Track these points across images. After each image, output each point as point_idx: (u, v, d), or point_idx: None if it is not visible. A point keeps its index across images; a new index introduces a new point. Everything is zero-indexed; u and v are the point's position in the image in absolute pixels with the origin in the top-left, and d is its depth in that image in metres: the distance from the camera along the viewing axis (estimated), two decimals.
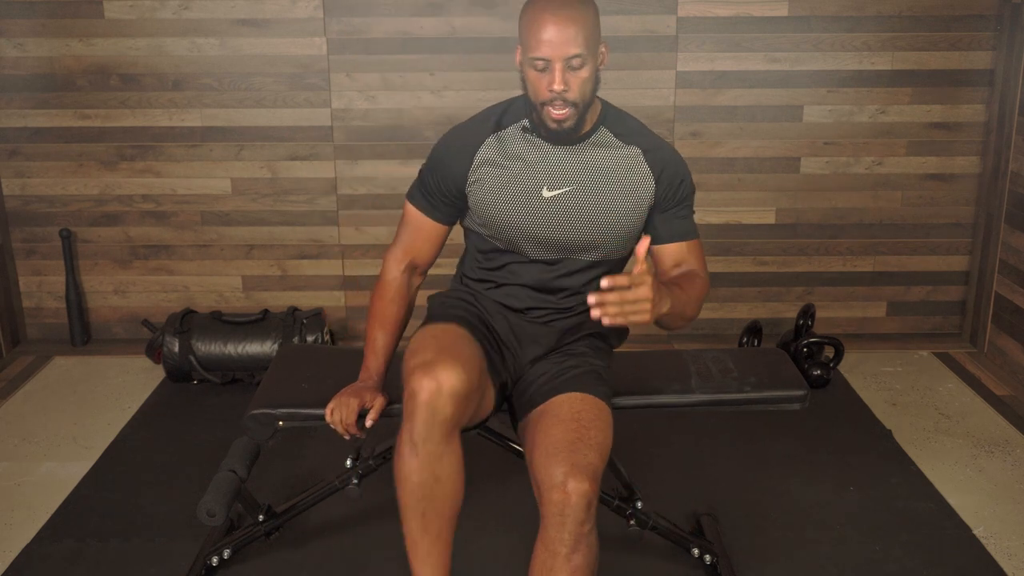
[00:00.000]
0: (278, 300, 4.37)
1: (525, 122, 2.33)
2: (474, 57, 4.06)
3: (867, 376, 4.04)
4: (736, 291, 4.38)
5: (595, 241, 2.37)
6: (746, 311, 4.39)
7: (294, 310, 4.08)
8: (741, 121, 4.18)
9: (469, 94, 4.08)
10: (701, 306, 2.30)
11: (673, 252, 2.37)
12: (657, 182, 2.34)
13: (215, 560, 2.70)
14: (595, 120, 2.33)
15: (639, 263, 1.95)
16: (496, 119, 2.36)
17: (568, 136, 2.27)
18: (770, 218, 4.29)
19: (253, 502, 2.72)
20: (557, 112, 2.20)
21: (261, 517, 2.74)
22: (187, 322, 3.97)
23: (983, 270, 4.25)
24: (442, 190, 2.38)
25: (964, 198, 4.28)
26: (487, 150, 2.33)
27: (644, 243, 1.98)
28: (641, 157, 2.34)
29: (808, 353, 3.94)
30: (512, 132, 2.34)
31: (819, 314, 4.33)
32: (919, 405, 3.79)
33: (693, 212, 2.42)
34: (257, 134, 4.17)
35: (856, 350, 4.22)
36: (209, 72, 4.10)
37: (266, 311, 4.05)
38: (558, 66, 2.14)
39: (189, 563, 2.72)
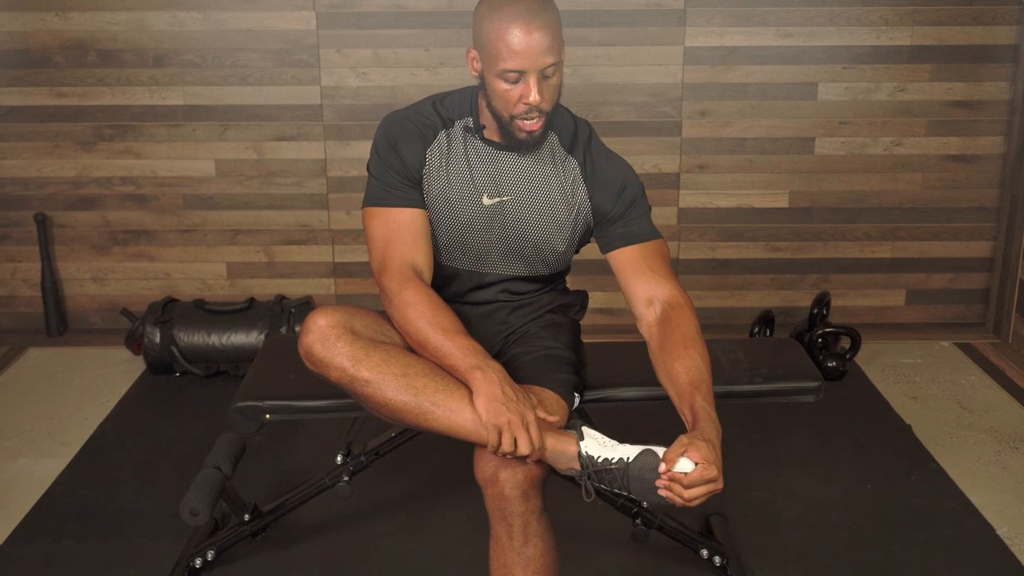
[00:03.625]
0: (265, 288, 4.36)
1: (468, 121, 2.32)
2: (471, 32, 4.03)
3: (885, 368, 4.03)
4: (747, 278, 4.37)
5: (526, 254, 2.36)
6: (758, 299, 4.39)
7: (281, 298, 4.08)
8: (752, 99, 4.16)
9: (465, 71, 4.03)
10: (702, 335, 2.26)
11: (630, 256, 2.33)
12: (592, 198, 2.34)
13: (198, 562, 2.69)
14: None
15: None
16: (444, 114, 2.32)
17: (536, 144, 2.25)
18: (783, 201, 4.28)
19: (238, 501, 2.71)
20: (529, 124, 2.18)
21: (247, 516, 2.72)
22: (169, 311, 3.97)
23: (1007, 256, 4.24)
24: (405, 172, 2.27)
25: (987, 180, 4.27)
26: (439, 145, 2.30)
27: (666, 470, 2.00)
28: (578, 171, 2.34)
29: (823, 344, 3.94)
30: (457, 131, 2.32)
31: (835, 303, 4.32)
32: (940, 398, 3.78)
33: (649, 210, 2.38)
34: (242, 113, 4.16)
35: (874, 340, 4.21)
36: (192, 48, 4.08)
37: (252, 300, 4.05)
38: (532, 78, 2.13)
39: (171, 565, 2.71)
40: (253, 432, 2.52)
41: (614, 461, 2.04)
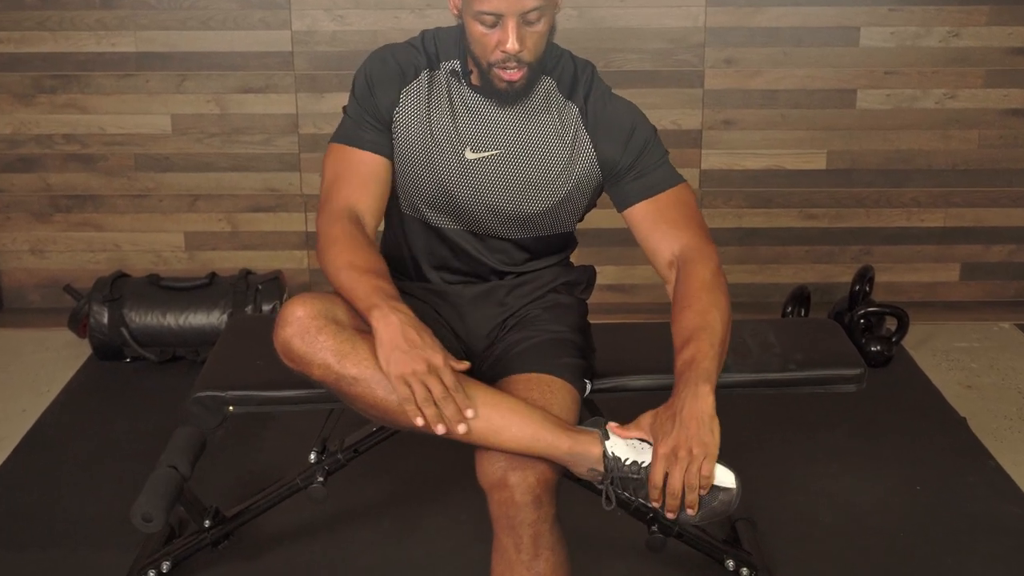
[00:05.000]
0: (228, 261, 4.36)
1: (456, 64, 2.31)
2: None
3: (937, 353, 4.04)
4: (779, 250, 4.36)
5: (518, 216, 2.35)
6: (791, 275, 4.38)
7: (247, 273, 4.08)
8: (785, 45, 4.15)
9: None
10: (728, 303, 2.22)
11: (645, 212, 2.31)
12: (596, 147, 2.32)
13: (152, 574, 2.68)
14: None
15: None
16: (432, 52, 2.32)
17: (517, 96, 2.25)
18: (820, 162, 4.28)
19: (198, 504, 2.71)
20: (509, 74, 2.17)
21: (207, 523, 2.72)
22: (118, 288, 3.96)
23: None
24: (377, 114, 2.29)
25: None
26: (419, 86, 2.30)
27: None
28: (579, 118, 2.33)
29: (866, 325, 3.95)
30: (442, 74, 2.31)
31: (879, 278, 4.30)
32: (999, 387, 3.79)
33: (665, 154, 2.37)
34: (203, 62, 4.15)
35: (923, 321, 4.21)
36: None
37: (213, 275, 4.05)
38: (512, 23, 2.11)
39: None
40: (214, 426, 2.50)
41: (644, 465, 2.03)
